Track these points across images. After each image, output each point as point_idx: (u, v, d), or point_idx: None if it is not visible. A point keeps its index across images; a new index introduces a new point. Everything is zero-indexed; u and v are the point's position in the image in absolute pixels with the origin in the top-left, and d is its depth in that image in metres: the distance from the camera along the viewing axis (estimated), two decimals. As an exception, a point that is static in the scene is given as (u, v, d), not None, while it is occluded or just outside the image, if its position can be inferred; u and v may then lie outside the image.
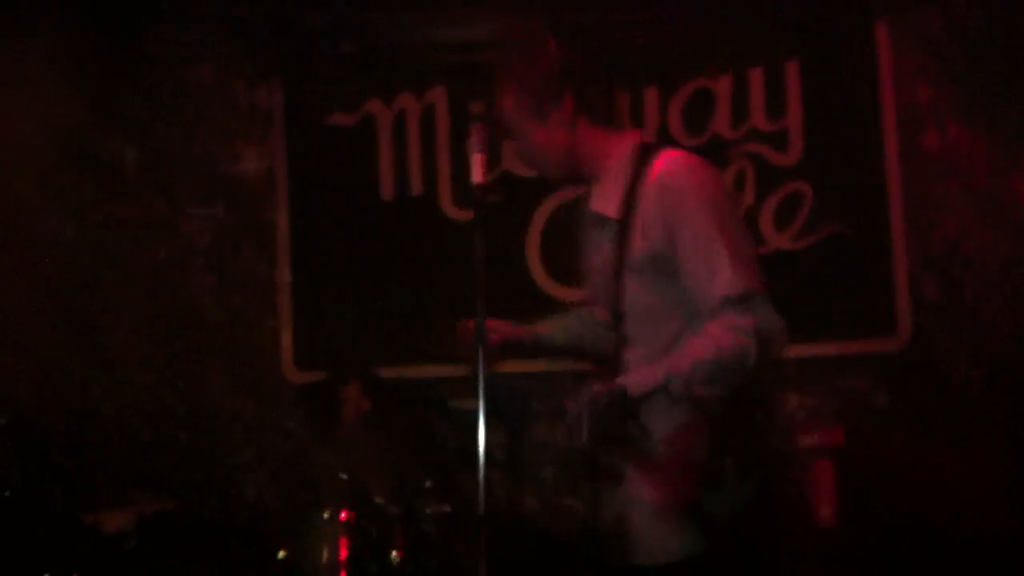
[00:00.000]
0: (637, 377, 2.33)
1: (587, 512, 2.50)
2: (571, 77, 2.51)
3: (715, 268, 2.31)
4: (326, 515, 3.40)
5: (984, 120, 4.30)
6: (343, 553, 3.36)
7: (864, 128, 4.35)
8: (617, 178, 2.45)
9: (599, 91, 2.54)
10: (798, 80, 4.38)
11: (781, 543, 3.48)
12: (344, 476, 3.44)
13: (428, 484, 3.46)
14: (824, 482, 3.69)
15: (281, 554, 3.44)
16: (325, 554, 3.37)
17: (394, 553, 3.38)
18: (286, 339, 4.65)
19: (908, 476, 3.81)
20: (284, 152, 4.75)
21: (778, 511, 3.55)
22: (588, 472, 2.45)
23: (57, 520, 4.03)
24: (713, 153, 4.38)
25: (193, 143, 4.84)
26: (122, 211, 4.87)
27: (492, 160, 4.33)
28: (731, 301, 2.30)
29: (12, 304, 4.84)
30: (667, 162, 2.42)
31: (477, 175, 2.44)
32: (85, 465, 4.70)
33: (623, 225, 2.41)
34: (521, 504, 3.62)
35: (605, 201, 2.47)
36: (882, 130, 4.34)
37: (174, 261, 4.83)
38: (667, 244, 2.36)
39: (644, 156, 2.44)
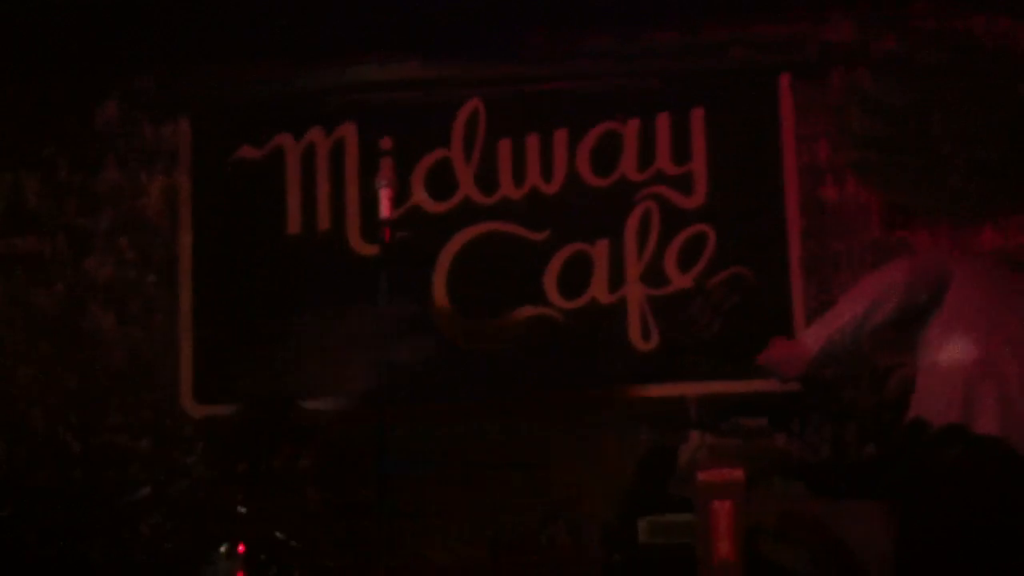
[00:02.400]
0: None
1: None
2: None
3: None
4: (223, 549, 3.33)
5: (881, 178, 4.47)
6: (240, 587, 3.30)
7: (766, 177, 4.48)
8: None
9: None
10: (703, 127, 4.50)
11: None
12: (243, 509, 3.38)
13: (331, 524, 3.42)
14: (723, 520, 3.74)
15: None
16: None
17: (292, 585, 3.33)
18: (187, 373, 4.56)
19: (805, 518, 3.87)
20: (189, 186, 4.70)
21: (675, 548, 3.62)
22: None
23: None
24: (619, 194, 4.50)
25: (97, 179, 4.77)
26: (21, 246, 4.77)
27: (401, 195, 4.39)
28: None
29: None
30: None
31: (384, 210, 2.48)
32: None
33: None
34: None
35: None
36: (783, 179, 4.48)
37: (73, 297, 4.73)
38: None
39: None
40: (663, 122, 4.52)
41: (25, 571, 4.18)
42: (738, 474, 3.88)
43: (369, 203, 4.47)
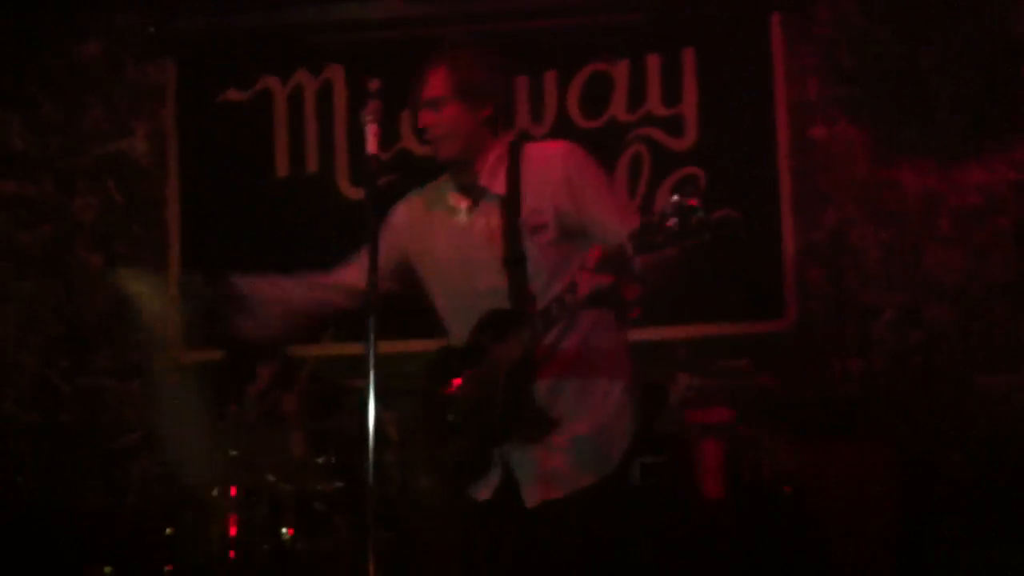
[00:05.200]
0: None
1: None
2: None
3: (621, 215, 2.59)
4: (215, 492, 3.35)
5: (869, 114, 4.44)
6: (232, 530, 3.32)
7: (757, 117, 4.44)
8: (500, 163, 2.66)
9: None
10: (694, 67, 4.46)
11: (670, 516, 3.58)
12: (234, 453, 3.39)
13: (320, 461, 3.44)
14: (711, 459, 3.78)
15: (168, 531, 3.39)
16: (214, 531, 3.33)
17: (285, 531, 3.36)
18: (175, 319, 4.55)
19: (788, 458, 3.92)
20: (175, 129, 4.66)
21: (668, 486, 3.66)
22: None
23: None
24: (610, 136, 4.47)
25: (82, 120, 4.72)
26: (5, 187, 4.74)
27: (390, 137, 4.36)
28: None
29: None
30: (549, 145, 2.78)
31: (371, 146, 2.46)
32: None
33: (512, 199, 2.61)
34: (416, 482, 3.62)
35: (491, 180, 2.65)
36: (774, 120, 4.44)
37: (60, 239, 4.71)
38: (571, 205, 2.59)
39: (516, 147, 2.69)
40: (653, 63, 4.48)
41: (16, 515, 4.21)
42: (725, 413, 3.93)
43: (357, 146, 4.45)
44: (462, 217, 2.69)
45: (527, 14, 4.53)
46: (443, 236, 2.71)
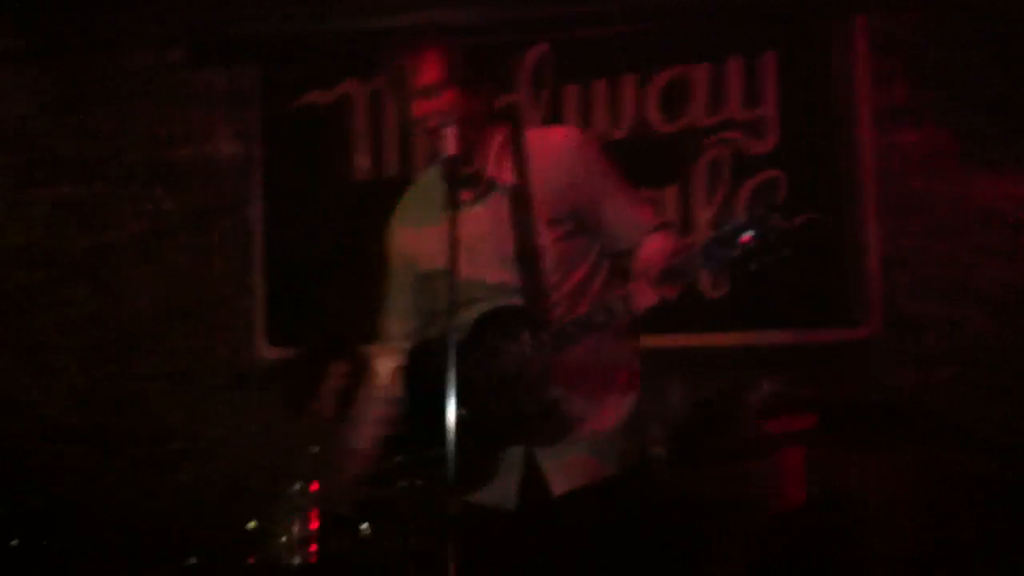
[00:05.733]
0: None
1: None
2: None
3: (637, 209, 2.64)
4: (297, 487, 3.40)
5: (957, 119, 4.36)
6: (313, 524, 3.36)
7: (840, 121, 4.38)
8: (504, 152, 2.57)
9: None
10: (775, 71, 4.41)
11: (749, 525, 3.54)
12: (315, 448, 3.43)
13: (398, 459, 3.46)
14: (792, 466, 3.73)
15: (251, 525, 3.44)
16: (296, 525, 3.37)
17: (364, 525, 3.39)
18: (259, 316, 4.63)
19: (873, 465, 3.86)
20: (260, 131, 4.74)
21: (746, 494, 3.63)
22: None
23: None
24: (688, 140, 4.44)
25: (168, 123, 4.82)
26: (97, 188, 4.85)
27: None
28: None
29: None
30: (553, 132, 2.72)
31: (451, 148, 2.43)
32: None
33: (523, 190, 2.53)
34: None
35: (499, 170, 2.57)
36: (858, 123, 4.37)
37: (146, 239, 4.80)
38: (586, 196, 2.56)
39: (518, 134, 2.62)
40: (734, 66, 4.44)
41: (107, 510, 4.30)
42: (808, 421, 3.87)
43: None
44: (465, 209, 2.50)
45: (606, 19, 4.53)
46: (445, 231, 2.43)
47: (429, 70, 2.47)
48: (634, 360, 2.65)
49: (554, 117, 4.48)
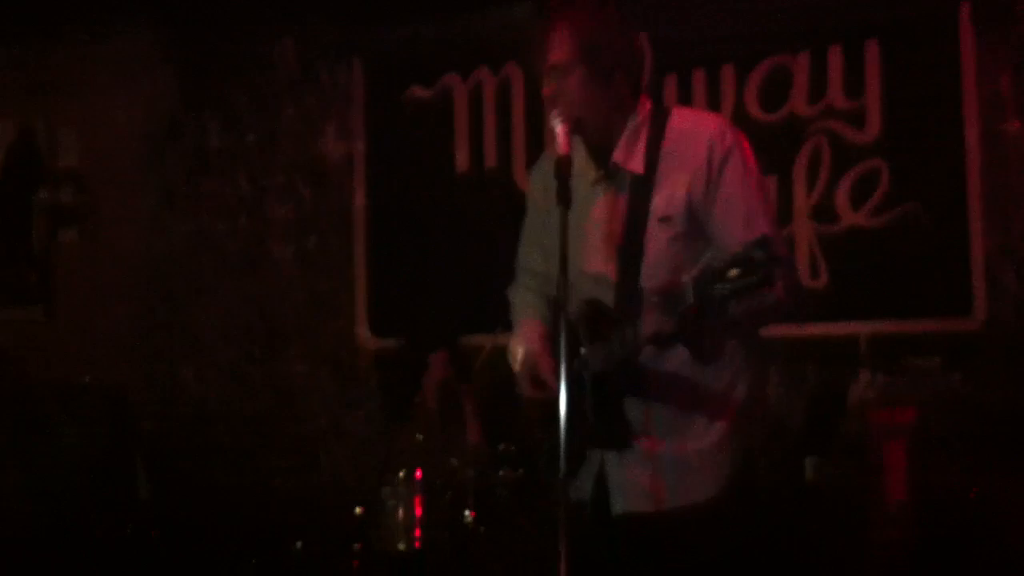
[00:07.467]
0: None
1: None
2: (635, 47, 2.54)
3: (749, 222, 2.34)
4: (402, 474, 3.48)
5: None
6: (418, 511, 3.44)
7: (944, 110, 4.28)
8: (638, 136, 2.41)
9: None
10: (878, 59, 4.34)
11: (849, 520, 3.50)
12: (420, 437, 3.51)
13: (501, 448, 3.52)
14: (895, 461, 3.68)
15: (358, 511, 3.53)
16: (400, 512, 3.45)
17: (467, 513, 3.45)
18: (362, 307, 4.74)
19: (979, 458, 3.78)
20: (363, 127, 4.84)
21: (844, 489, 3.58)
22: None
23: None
24: (789, 130, 4.40)
25: (276, 120, 4.95)
26: (205, 186, 5.01)
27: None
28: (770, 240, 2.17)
29: (101, 274, 5.00)
30: (701, 118, 2.51)
31: (563, 146, 2.33)
32: (164, 430, 4.84)
33: (646, 182, 2.37)
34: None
35: (627, 156, 2.41)
36: (962, 113, 4.27)
37: (254, 234, 4.95)
38: (704, 193, 2.35)
39: (661, 117, 2.43)
40: (835, 54, 4.39)
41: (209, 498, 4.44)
42: (910, 414, 3.81)
43: (535, 141, 4.53)
44: (586, 187, 2.40)
45: (706, 11, 4.50)
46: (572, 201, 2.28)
47: (558, 48, 2.37)
48: (736, 390, 2.40)
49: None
